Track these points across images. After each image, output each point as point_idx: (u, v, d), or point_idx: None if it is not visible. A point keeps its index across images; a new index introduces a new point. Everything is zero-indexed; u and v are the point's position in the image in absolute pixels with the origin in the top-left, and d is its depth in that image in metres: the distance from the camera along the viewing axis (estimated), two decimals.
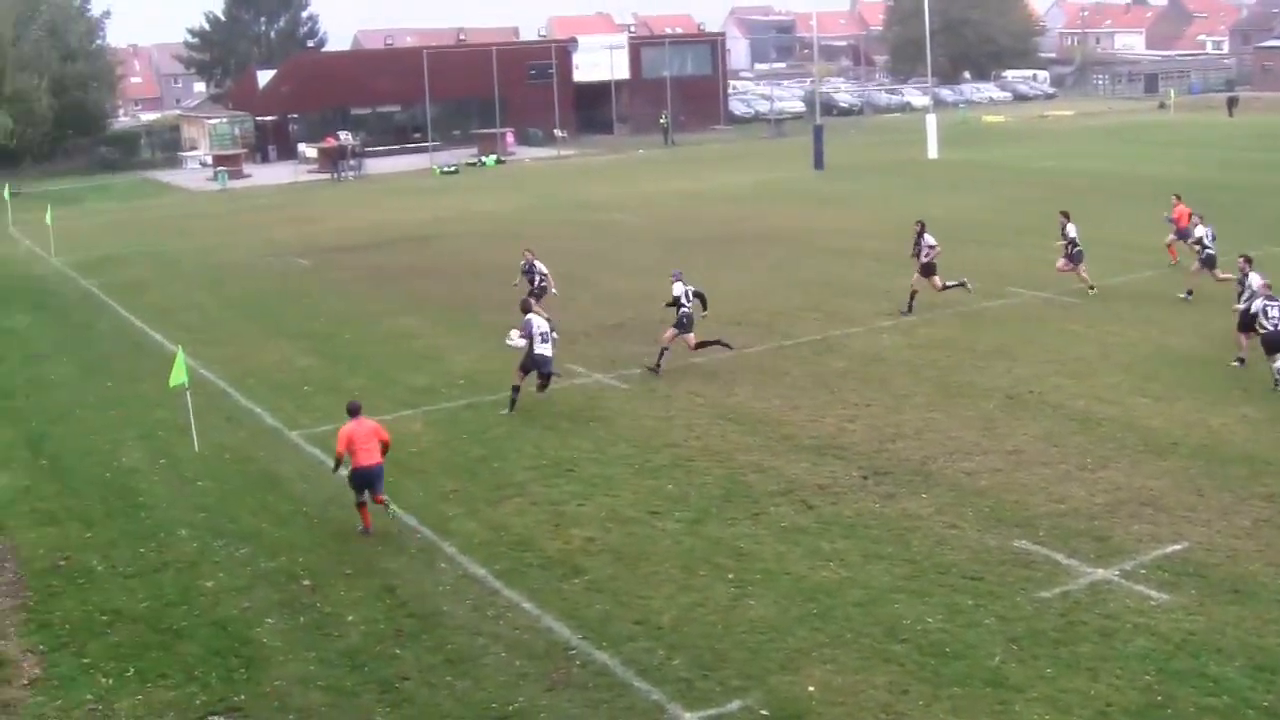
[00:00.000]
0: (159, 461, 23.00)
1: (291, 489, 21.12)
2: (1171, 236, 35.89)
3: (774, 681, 14.06)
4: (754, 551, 17.58)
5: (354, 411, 19.27)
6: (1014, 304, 32.20)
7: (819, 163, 67.47)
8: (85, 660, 15.41)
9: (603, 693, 14.02)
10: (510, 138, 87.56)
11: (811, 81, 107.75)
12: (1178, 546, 17.09)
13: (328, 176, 75.69)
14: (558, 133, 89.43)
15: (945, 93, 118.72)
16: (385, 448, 19.04)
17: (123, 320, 35.92)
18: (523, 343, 24.30)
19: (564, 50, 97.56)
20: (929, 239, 31.36)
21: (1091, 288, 32.41)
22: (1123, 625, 14.93)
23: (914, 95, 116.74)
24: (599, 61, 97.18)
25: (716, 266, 39.14)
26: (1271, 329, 24.06)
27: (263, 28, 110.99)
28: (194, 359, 28.53)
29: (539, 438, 23.07)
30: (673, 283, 27.01)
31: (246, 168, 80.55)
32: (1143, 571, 16.34)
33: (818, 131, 69.10)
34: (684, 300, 26.68)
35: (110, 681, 14.85)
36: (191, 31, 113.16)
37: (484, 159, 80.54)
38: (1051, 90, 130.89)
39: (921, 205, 49.86)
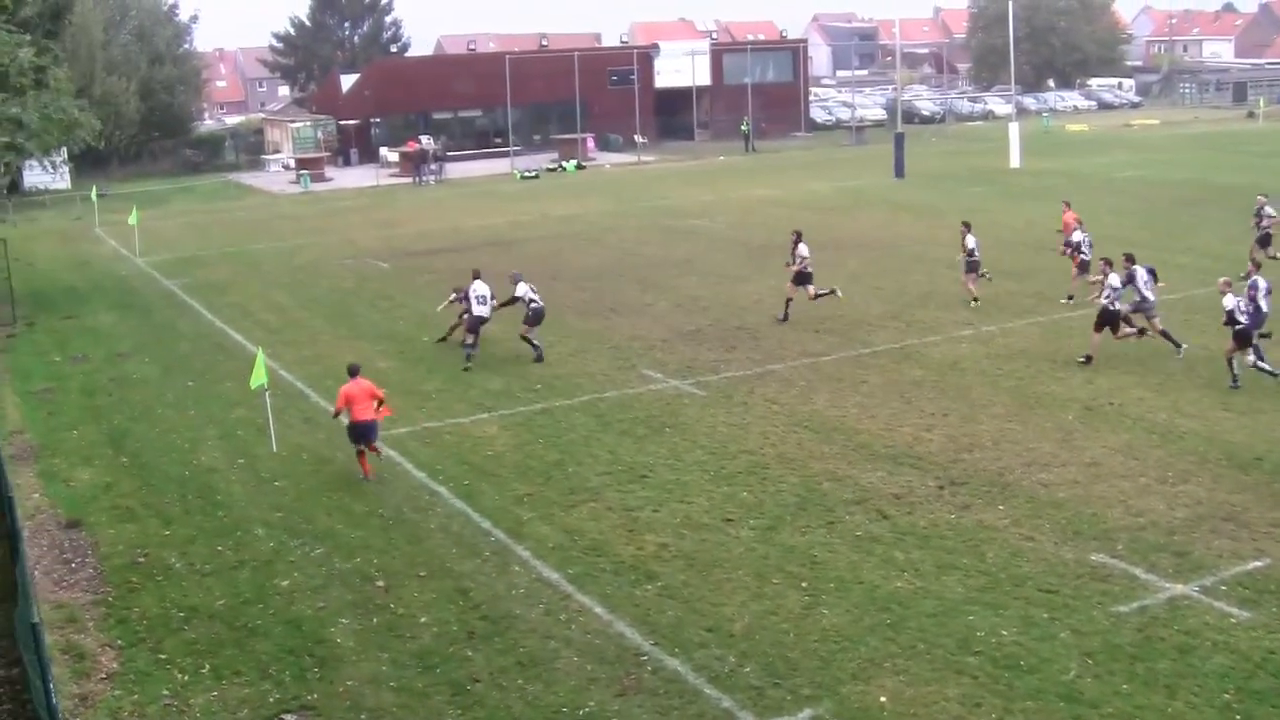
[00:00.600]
0: (237, 461, 23.27)
1: (367, 491, 21.28)
2: (1063, 245, 35.90)
3: (845, 691, 13.99)
4: (827, 560, 17.50)
5: (353, 372, 22.06)
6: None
7: (900, 170, 67.09)
8: (162, 656, 15.62)
9: (673, 699, 14.01)
10: (591, 143, 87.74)
11: (893, 89, 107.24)
12: (1259, 563, 16.83)
13: (409, 180, 76.15)
14: (638, 138, 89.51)
15: (1028, 101, 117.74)
16: (380, 402, 21.72)
17: (204, 320, 36.36)
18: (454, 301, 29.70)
19: (646, 56, 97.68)
20: (803, 249, 32.16)
21: (975, 300, 33.23)
22: (1201, 642, 14.72)
23: (997, 103, 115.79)
24: (680, 67, 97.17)
25: None
26: (1245, 323, 24.79)
27: (346, 32, 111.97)
28: (273, 360, 28.86)
29: (614, 443, 23.11)
30: (514, 285, 29.66)
31: (329, 171, 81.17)
32: (1223, 588, 16.11)
33: (899, 139, 68.73)
34: (531, 296, 29.37)
35: (186, 677, 15.04)
36: (276, 36, 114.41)
37: (564, 164, 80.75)
38: (1137, 99, 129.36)
39: (1002, 214, 49.50)
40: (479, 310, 29.21)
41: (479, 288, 29.29)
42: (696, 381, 27.13)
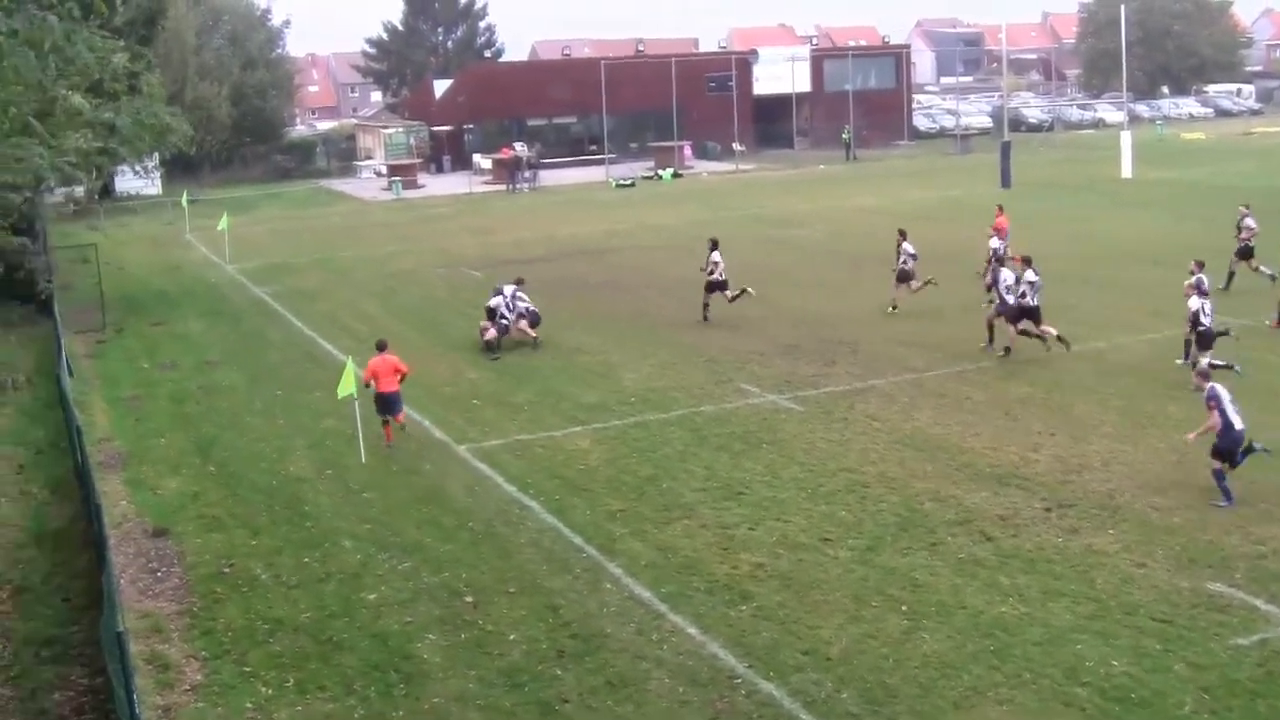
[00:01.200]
0: (325, 471, 23.44)
1: (457, 503, 21.34)
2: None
3: None
4: (929, 583, 17.28)
5: (381, 348, 24.80)
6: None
7: (1005, 180, 66.38)
8: (246, 668, 15.73)
9: None
10: (687, 151, 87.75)
11: (999, 96, 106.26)
12: None
13: (503, 188, 76.61)
14: (736, 146, 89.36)
15: (1141, 108, 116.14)
16: (403, 377, 24.53)
17: (293, 328, 36.74)
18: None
19: (744, 62, 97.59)
20: (715, 256, 34.64)
21: (893, 307, 35.05)
22: None
23: (1108, 111, 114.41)
24: (780, 74, 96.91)
25: None
26: (1206, 325, 26.78)
27: (440, 38, 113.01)
28: (363, 370, 29.03)
29: (710, 459, 23.01)
30: (492, 296, 32.68)
31: (421, 178, 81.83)
32: None
33: (1005, 148, 68.03)
34: (503, 313, 32.11)
35: (270, 691, 15.14)
36: (369, 41, 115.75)
37: (660, 172, 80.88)
38: (1257, 106, 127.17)
39: (1112, 225, 48.86)
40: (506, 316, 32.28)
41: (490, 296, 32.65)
42: (795, 396, 26.97)
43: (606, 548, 19.02)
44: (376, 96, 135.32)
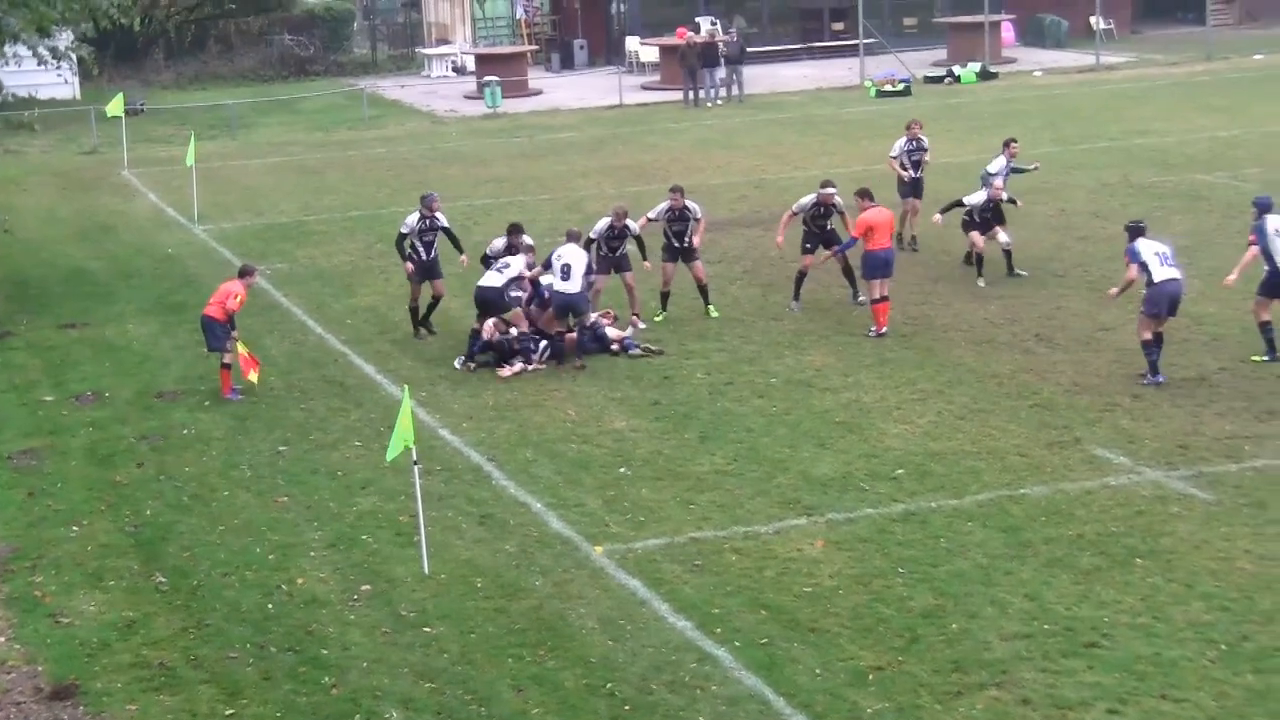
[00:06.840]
0: (360, 587, 23.69)
1: (587, 647, 21.44)
2: None
3: None
4: None
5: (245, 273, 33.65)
6: None
7: None
8: None
9: None
10: (1009, 32, 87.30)
11: None
12: None
13: (678, 96, 76.82)
14: (1098, 23, 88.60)
15: None
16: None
17: (310, 336, 37.17)
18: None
19: None
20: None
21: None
22: None
23: None
24: None
25: None
26: None
27: None
28: (429, 409, 29.38)
29: (1032, 579, 22.93)
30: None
31: (534, 77, 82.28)
32: None
33: None
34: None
35: None
36: None
37: (957, 70, 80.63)
38: None
39: None
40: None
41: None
42: (1196, 474, 26.79)
43: None
44: None
